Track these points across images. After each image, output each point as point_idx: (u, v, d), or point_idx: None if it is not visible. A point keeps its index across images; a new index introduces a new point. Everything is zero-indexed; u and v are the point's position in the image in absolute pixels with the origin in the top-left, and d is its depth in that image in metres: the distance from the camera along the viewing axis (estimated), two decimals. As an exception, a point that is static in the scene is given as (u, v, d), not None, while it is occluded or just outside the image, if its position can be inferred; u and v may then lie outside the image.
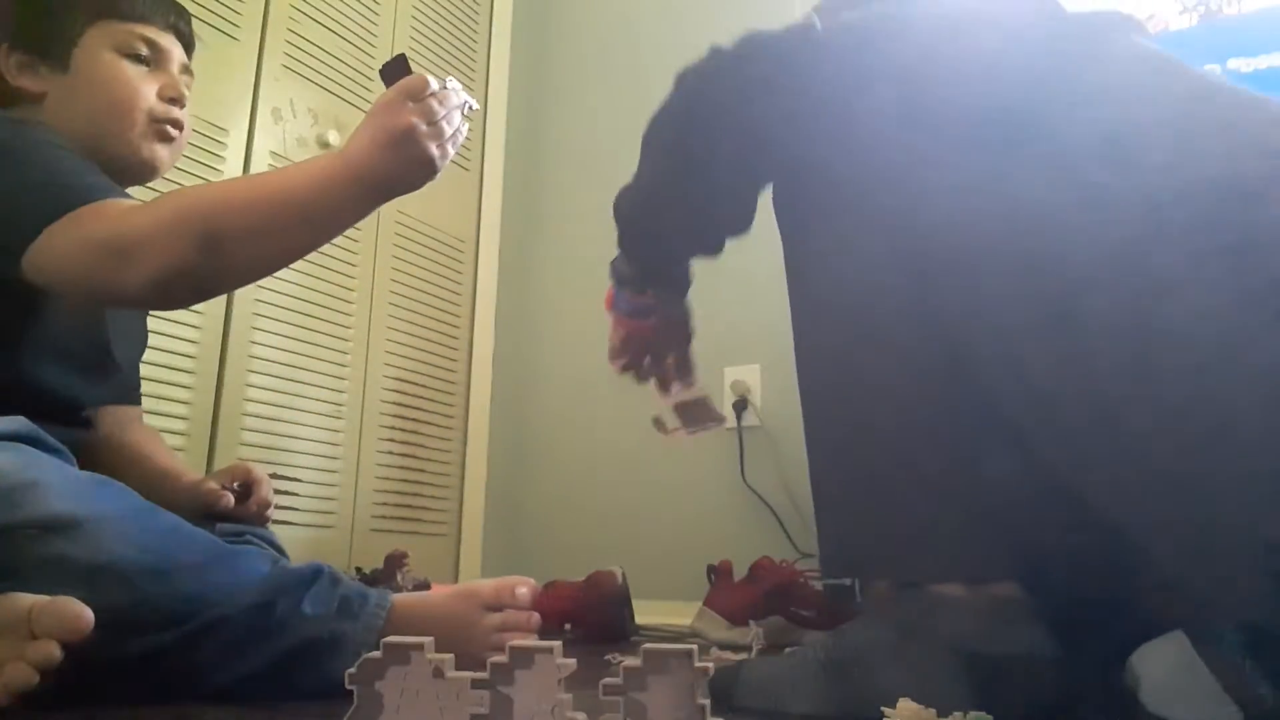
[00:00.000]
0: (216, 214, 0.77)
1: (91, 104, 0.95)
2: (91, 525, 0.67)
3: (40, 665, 0.57)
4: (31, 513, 0.65)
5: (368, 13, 1.94)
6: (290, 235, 0.81)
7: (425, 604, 0.82)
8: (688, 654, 0.42)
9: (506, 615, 0.82)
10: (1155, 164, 0.62)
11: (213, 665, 0.70)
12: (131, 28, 0.98)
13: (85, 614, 0.57)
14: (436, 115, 0.80)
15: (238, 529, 1.00)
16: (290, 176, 0.81)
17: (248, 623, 0.71)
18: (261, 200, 0.79)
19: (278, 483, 1.63)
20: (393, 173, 0.80)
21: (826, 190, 0.79)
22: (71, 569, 0.65)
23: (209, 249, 0.76)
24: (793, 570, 1.49)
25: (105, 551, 0.67)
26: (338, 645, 0.73)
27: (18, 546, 0.64)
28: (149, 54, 0.99)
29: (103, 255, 0.77)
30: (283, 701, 0.71)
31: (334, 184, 0.79)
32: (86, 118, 0.95)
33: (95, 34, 0.96)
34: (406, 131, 0.78)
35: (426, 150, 0.79)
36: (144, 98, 0.97)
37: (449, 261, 2.10)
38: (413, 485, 1.94)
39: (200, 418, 1.52)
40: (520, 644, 0.43)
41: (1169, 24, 1.48)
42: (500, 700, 0.42)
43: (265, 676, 0.71)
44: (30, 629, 0.57)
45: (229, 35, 1.63)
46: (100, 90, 0.96)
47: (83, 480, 0.72)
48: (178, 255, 0.75)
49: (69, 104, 0.95)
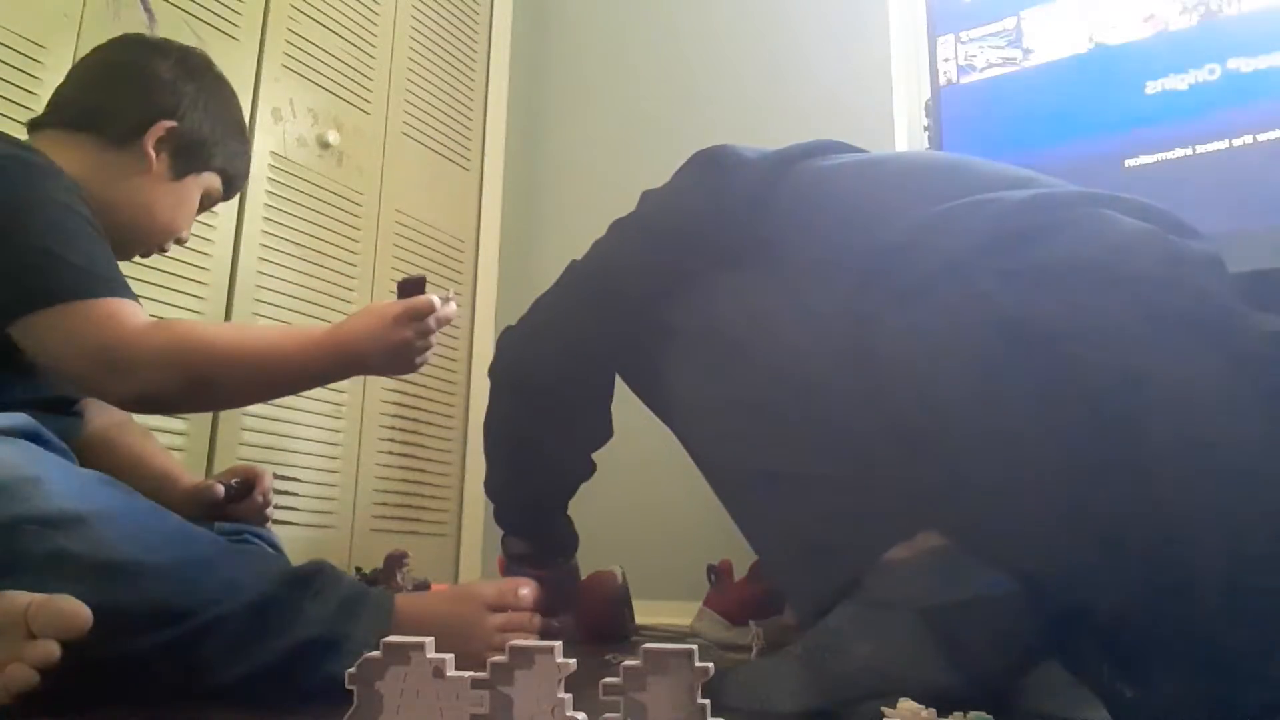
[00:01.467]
0: (209, 362, 0.85)
1: (145, 206, 0.99)
2: (94, 522, 0.67)
3: (40, 665, 0.57)
4: (34, 508, 0.65)
5: (368, 13, 1.94)
6: (270, 390, 0.97)
7: (426, 604, 0.82)
8: (688, 654, 0.42)
9: (509, 616, 0.82)
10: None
11: (215, 663, 0.70)
12: (225, 192, 1.09)
13: (83, 612, 0.57)
14: (430, 333, 0.94)
15: (237, 528, 1.00)
16: (283, 340, 0.92)
17: (250, 621, 0.71)
18: (252, 356, 0.88)
19: (278, 483, 1.63)
20: (376, 365, 0.94)
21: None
22: (74, 565, 0.65)
23: (194, 388, 0.84)
24: (793, 570, 1.49)
25: (108, 548, 0.67)
26: (339, 644, 0.73)
27: (20, 542, 0.64)
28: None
29: (92, 362, 0.81)
30: (283, 701, 0.71)
31: (322, 358, 0.90)
32: (131, 208, 0.97)
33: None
34: (402, 345, 0.92)
35: (412, 361, 0.94)
36: (182, 233, 1.05)
37: (449, 261, 2.10)
38: (413, 485, 1.94)
39: (200, 418, 1.52)
40: (520, 644, 0.43)
41: (1169, 24, 1.48)
42: (500, 700, 0.42)
43: (267, 675, 0.71)
44: (28, 628, 0.57)
45: (229, 35, 1.63)
46: (161, 208, 1.01)
47: (86, 477, 0.72)
48: (164, 386, 0.82)
49: (123, 184, 0.97)
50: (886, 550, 0.70)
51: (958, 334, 0.67)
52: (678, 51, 2.25)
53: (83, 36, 1.40)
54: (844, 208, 0.83)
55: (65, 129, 0.96)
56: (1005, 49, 1.63)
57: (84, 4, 1.41)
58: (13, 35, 1.32)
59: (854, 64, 2.01)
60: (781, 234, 0.84)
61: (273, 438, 1.64)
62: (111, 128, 0.96)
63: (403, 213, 1.97)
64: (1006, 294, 0.66)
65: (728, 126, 2.13)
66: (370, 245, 1.88)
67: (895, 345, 0.70)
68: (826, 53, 2.02)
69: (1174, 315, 0.63)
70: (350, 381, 1.80)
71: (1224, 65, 1.41)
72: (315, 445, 1.72)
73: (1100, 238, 0.68)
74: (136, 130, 0.97)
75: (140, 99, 0.99)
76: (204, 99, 1.03)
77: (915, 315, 0.69)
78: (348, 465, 1.78)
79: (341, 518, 1.76)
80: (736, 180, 0.87)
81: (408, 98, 2.03)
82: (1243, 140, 1.38)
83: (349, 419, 1.80)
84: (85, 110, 0.98)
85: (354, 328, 0.91)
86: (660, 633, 1.59)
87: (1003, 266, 0.68)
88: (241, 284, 1.60)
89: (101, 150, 0.96)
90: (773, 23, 2.13)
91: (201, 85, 1.03)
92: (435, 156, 2.10)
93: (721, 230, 0.86)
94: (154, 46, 1.05)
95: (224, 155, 1.05)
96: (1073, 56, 1.56)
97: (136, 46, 1.05)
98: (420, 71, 2.07)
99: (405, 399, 1.94)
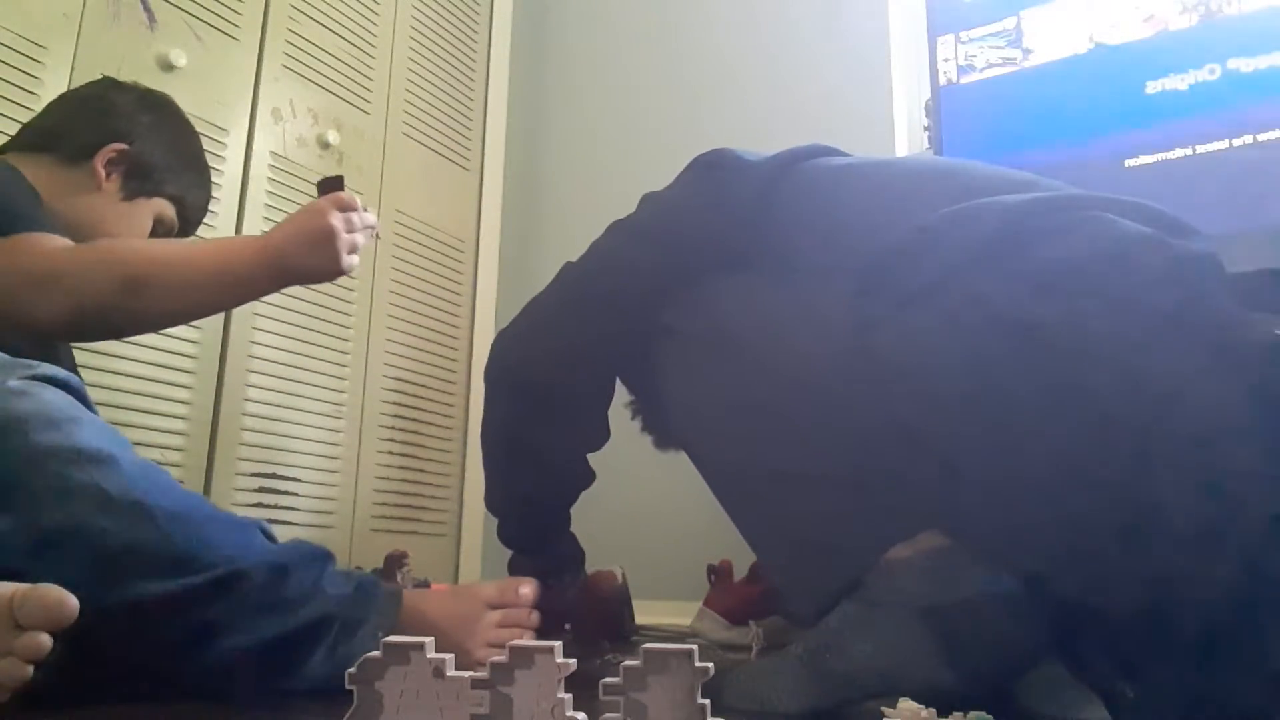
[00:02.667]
0: (142, 262, 0.87)
1: (94, 224, 1.01)
2: (124, 464, 0.70)
3: (31, 658, 0.57)
4: (76, 442, 0.69)
5: (368, 13, 1.94)
6: (204, 293, 0.93)
7: (429, 601, 0.83)
8: (688, 654, 0.42)
9: (508, 614, 0.82)
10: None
11: (231, 624, 0.70)
12: (181, 223, 1.10)
13: (68, 600, 0.57)
14: (355, 226, 0.95)
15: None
16: (214, 245, 0.96)
17: (269, 585, 0.72)
18: (184, 259, 0.91)
19: (277, 482, 1.63)
20: (304, 263, 0.93)
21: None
22: (106, 500, 0.67)
23: (129, 291, 0.85)
24: (793, 570, 1.49)
25: (136, 489, 0.69)
26: (355, 628, 0.74)
27: (64, 469, 0.67)
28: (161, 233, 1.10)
29: (23, 283, 0.83)
30: (284, 700, 0.71)
31: (251, 259, 0.91)
32: (80, 225, 0.98)
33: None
34: (326, 231, 0.92)
35: (338, 251, 0.93)
36: None
37: (449, 261, 2.10)
38: (413, 485, 1.94)
39: (200, 418, 1.52)
40: (520, 644, 0.43)
41: (1169, 24, 1.48)
42: (500, 700, 0.42)
43: (279, 649, 0.71)
44: (14, 619, 0.57)
45: (229, 35, 1.63)
46: (110, 226, 1.02)
47: (114, 431, 0.76)
48: (97, 293, 0.84)
49: (74, 200, 1.00)
50: (887, 550, 0.70)
51: (959, 336, 0.67)
52: (677, 51, 2.25)
53: (83, 36, 1.40)
54: (845, 211, 0.83)
55: (25, 150, 1.02)
56: (1005, 49, 1.63)
57: (84, 4, 1.40)
58: (13, 35, 1.32)
59: (854, 64, 2.01)
60: (783, 237, 0.85)
61: (273, 438, 1.64)
62: (66, 147, 1.02)
63: (403, 213, 1.97)
64: (1007, 297, 0.66)
65: (728, 126, 2.13)
66: (370, 245, 1.88)
67: (896, 347, 0.70)
68: (826, 52, 2.02)
69: (1172, 317, 0.63)
70: (350, 381, 1.80)
71: (1224, 65, 1.41)
72: (315, 445, 1.72)
73: (1099, 240, 0.68)
74: (88, 150, 1.02)
75: (94, 123, 1.05)
76: (159, 129, 1.08)
77: (916, 318, 0.69)
78: (348, 465, 1.78)
79: (341, 518, 1.76)
80: (738, 183, 0.88)
81: (408, 98, 2.03)
82: (1243, 140, 1.38)
83: (349, 419, 1.80)
84: (44, 133, 1.05)
85: (280, 228, 0.94)
86: (660, 633, 1.59)
87: (1003, 270, 0.68)
88: (241, 284, 1.60)
89: (55, 168, 1.01)
90: (773, 23, 2.13)
91: (159, 117, 1.09)
92: (435, 156, 2.10)
93: (724, 232, 0.87)
94: (118, 85, 1.11)
95: (177, 184, 1.09)
96: (1073, 56, 1.56)
97: (103, 84, 1.13)
98: (420, 71, 2.07)
99: (405, 399, 1.94)
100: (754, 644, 1.02)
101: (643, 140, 2.24)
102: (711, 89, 2.18)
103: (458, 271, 2.13)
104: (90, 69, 1.39)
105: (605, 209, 0.97)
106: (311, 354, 1.73)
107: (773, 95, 2.09)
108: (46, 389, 0.71)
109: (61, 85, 1.35)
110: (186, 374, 1.50)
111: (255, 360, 1.62)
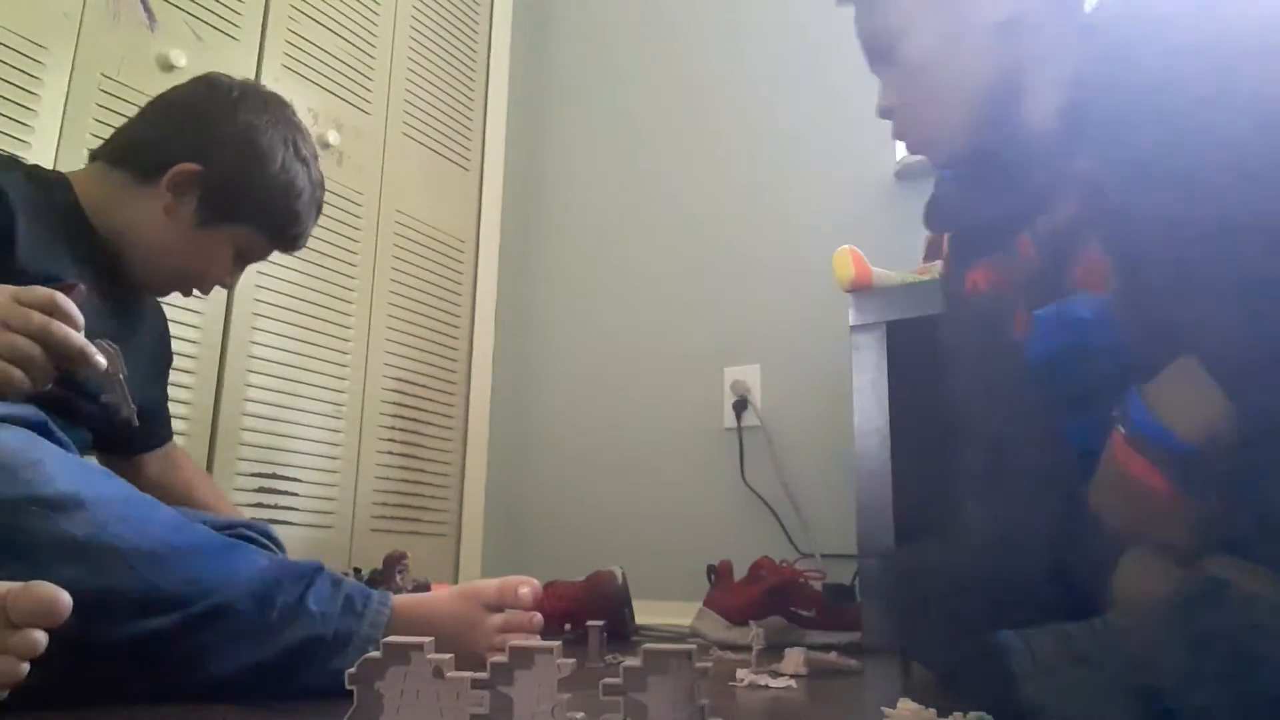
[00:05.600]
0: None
1: (160, 250, 0.95)
2: (93, 507, 0.67)
3: (25, 656, 0.57)
4: (36, 490, 0.65)
5: (368, 13, 1.94)
6: None
7: (427, 604, 0.82)
8: (688, 654, 0.42)
9: (509, 615, 0.82)
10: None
11: (214, 654, 0.70)
12: (279, 249, 1.02)
13: (61, 597, 0.57)
14: (30, 327, 0.71)
15: (229, 522, 1.00)
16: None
17: (249, 613, 0.71)
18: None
19: (277, 482, 1.63)
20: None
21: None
22: (74, 548, 0.65)
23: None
24: (792, 570, 1.49)
25: (107, 533, 0.67)
26: (343, 643, 0.73)
27: (22, 523, 0.64)
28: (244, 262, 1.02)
29: None
30: (284, 701, 0.71)
31: None
32: (147, 248, 0.95)
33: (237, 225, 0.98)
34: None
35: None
36: (214, 281, 1.01)
37: (449, 261, 2.10)
38: (413, 485, 1.94)
39: (200, 418, 1.52)
40: (520, 644, 0.43)
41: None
42: (500, 700, 0.42)
43: (269, 671, 0.71)
44: (7, 617, 0.56)
45: (229, 35, 1.63)
46: (178, 254, 0.96)
47: (85, 466, 0.73)
48: None
49: (143, 223, 0.94)
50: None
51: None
52: (677, 51, 2.25)
53: (83, 36, 1.40)
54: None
55: (107, 161, 0.96)
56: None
57: (84, 4, 1.41)
58: (13, 35, 1.32)
59: (856, 63, 2.00)
60: None
61: (273, 437, 1.64)
62: (139, 163, 0.94)
63: (403, 213, 1.97)
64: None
65: (728, 126, 2.13)
66: (370, 245, 1.88)
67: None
68: (826, 52, 2.02)
69: None
70: (350, 381, 1.80)
71: (1224, 65, 1.41)
72: (315, 445, 1.72)
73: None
74: (160, 168, 0.93)
75: (171, 135, 0.95)
76: (249, 146, 0.96)
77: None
78: (348, 465, 1.79)
79: (341, 518, 1.76)
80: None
81: (408, 98, 2.03)
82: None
83: (349, 419, 1.80)
84: (123, 143, 0.97)
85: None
86: (660, 633, 1.59)
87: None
88: (241, 284, 1.59)
89: (129, 185, 0.94)
90: (773, 22, 2.13)
91: (252, 131, 0.96)
92: (435, 156, 2.10)
93: None
94: (215, 85, 0.99)
95: (262, 213, 0.98)
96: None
97: (199, 85, 1.00)
98: (420, 71, 2.07)
99: (405, 399, 1.94)
100: (754, 644, 1.02)
101: (642, 140, 2.24)
102: (711, 88, 2.17)
103: (458, 271, 2.13)
104: (90, 69, 1.39)
105: (604, 209, 0.97)
106: (311, 354, 1.73)
107: (773, 95, 2.09)
108: (2, 431, 0.67)
109: (61, 85, 1.36)
110: (187, 373, 1.50)
111: (255, 360, 1.62)
